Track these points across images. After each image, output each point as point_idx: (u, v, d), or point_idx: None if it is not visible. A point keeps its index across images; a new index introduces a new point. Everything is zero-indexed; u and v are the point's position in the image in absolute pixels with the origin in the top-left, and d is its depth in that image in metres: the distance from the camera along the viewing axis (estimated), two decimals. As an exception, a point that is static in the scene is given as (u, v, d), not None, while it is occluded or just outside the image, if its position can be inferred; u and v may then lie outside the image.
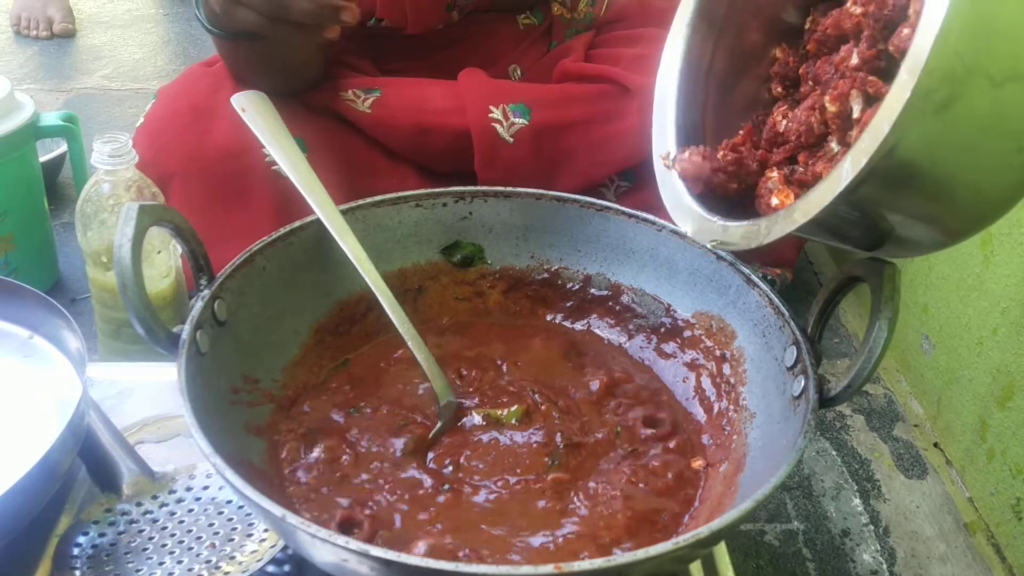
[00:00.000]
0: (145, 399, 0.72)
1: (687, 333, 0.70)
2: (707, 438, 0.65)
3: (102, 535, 0.60)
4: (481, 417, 0.65)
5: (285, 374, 0.66)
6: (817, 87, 0.55)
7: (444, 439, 0.63)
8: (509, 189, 0.74)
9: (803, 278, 1.15)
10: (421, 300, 0.75)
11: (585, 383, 0.69)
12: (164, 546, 0.59)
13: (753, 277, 0.65)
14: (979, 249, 0.85)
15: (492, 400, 0.66)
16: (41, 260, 1.06)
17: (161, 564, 0.57)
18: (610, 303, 0.74)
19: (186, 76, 0.99)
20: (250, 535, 0.60)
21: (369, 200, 0.72)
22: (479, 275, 0.76)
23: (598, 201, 0.73)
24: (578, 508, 0.58)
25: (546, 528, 0.57)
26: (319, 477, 0.60)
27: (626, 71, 0.96)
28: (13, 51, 1.85)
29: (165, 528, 0.60)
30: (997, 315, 0.82)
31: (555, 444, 0.62)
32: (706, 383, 0.68)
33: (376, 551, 0.45)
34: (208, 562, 0.58)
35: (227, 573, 0.57)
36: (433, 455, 0.62)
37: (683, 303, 0.71)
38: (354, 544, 0.45)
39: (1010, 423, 0.80)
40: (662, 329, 0.72)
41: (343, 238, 0.66)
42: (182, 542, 0.59)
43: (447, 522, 0.57)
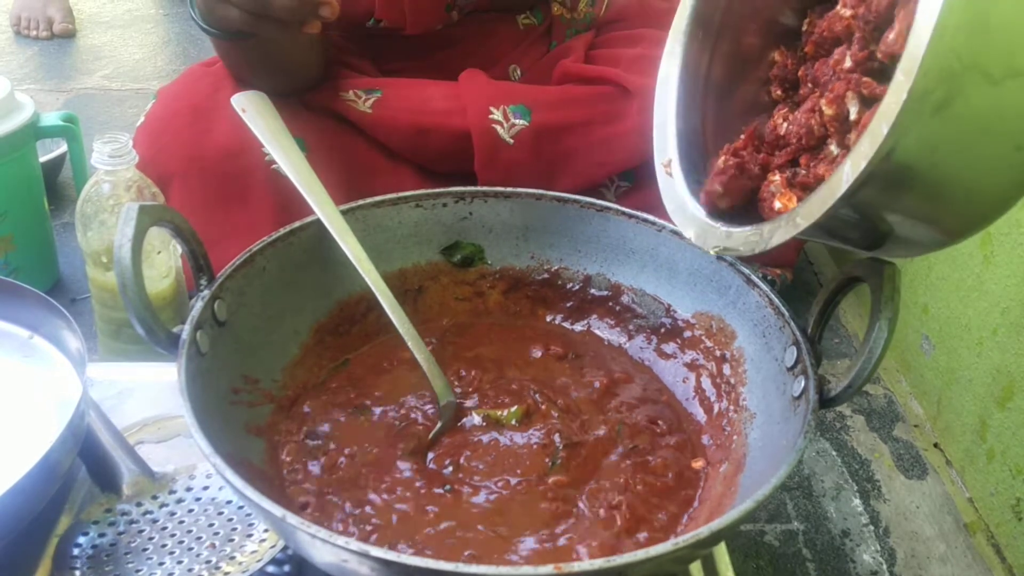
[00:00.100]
0: (145, 399, 0.72)
1: (687, 333, 0.70)
2: (707, 438, 0.65)
3: (102, 535, 0.60)
4: (481, 417, 0.65)
5: (285, 374, 0.66)
6: (816, 89, 0.55)
7: (444, 439, 0.63)
8: (509, 189, 0.74)
9: (803, 278, 1.15)
10: (421, 300, 0.75)
11: (585, 383, 0.69)
12: (164, 546, 0.59)
13: (753, 277, 0.65)
14: (979, 249, 0.85)
15: (492, 400, 0.66)
16: (41, 260, 1.06)
17: (161, 564, 0.57)
18: (610, 303, 0.74)
19: (186, 76, 0.99)
20: (250, 535, 0.60)
21: (369, 200, 0.72)
22: (479, 275, 0.76)
23: (598, 201, 0.73)
24: (578, 509, 0.58)
25: (546, 528, 0.57)
26: (319, 477, 0.60)
27: (626, 72, 0.96)
28: (13, 51, 1.85)
29: (165, 528, 0.60)
30: (997, 315, 0.82)
31: (555, 445, 0.62)
32: (706, 383, 0.68)
33: (376, 551, 0.45)
34: (208, 562, 0.58)
35: (227, 573, 0.57)
36: (433, 455, 0.62)
37: (683, 303, 0.71)
38: (354, 544, 0.45)
39: (1010, 423, 0.80)
40: (662, 329, 0.72)
41: (343, 238, 0.66)
42: (182, 542, 0.59)
43: (447, 523, 0.57)
